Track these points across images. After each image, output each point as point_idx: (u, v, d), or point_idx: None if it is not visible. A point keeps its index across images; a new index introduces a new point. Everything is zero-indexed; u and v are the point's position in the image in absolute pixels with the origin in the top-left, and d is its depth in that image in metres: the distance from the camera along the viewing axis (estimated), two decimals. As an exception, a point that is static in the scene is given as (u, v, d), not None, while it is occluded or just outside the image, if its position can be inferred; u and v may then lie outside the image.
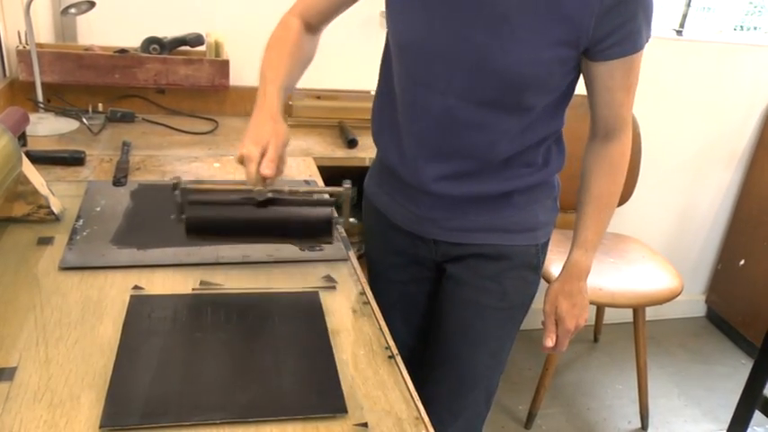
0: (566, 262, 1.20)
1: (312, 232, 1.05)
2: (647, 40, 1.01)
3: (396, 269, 1.29)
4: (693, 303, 2.91)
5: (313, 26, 1.18)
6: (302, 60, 1.16)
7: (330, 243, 1.07)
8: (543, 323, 1.24)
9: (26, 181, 1.13)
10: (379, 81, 1.18)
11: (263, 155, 0.96)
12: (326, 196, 1.06)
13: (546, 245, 1.23)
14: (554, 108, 1.08)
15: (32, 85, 1.69)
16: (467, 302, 1.22)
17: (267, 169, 0.95)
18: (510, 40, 0.97)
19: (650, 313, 2.22)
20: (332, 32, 1.21)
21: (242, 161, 0.97)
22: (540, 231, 1.19)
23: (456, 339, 1.25)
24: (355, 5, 1.16)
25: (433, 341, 1.29)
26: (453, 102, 1.04)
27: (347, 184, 1.04)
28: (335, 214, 1.05)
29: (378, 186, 1.26)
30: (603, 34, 0.97)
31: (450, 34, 0.99)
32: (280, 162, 0.99)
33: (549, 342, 1.22)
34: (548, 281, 1.27)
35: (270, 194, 0.99)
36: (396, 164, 1.16)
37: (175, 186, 0.99)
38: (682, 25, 2.44)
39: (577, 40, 0.97)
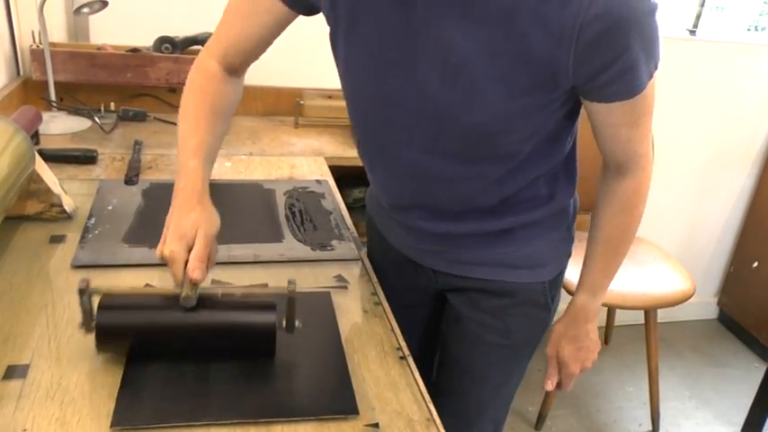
0: (570, 303, 1.10)
1: (251, 341, 0.87)
2: (651, 77, 0.83)
3: (397, 291, 1.14)
4: (705, 306, 2.89)
5: (236, 67, 1.02)
6: (226, 115, 1.00)
7: (272, 356, 0.88)
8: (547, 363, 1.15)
9: (39, 179, 1.14)
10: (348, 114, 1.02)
11: (189, 251, 0.82)
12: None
13: (557, 279, 1.11)
14: (545, 146, 0.94)
15: (45, 84, 1.70)
16: (468, 337, 1.13)
17: (197, 272, 0.81)
18: (472, 92, 0.82)
19: (662, 315, 2.20)
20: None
21: (164, 260, 0.83)
22: (548, 267, 1.08)
23: (458, 373, 1.18)
24: None
25: (437, 372, 1.22)
26: (419, 155, 0.92)
27: (292, 285, 0.86)
28: (281, 320, 0.87)
29: (377, 206, 1.16)
30: (589, 75, 0.79)
31: (404, 84, 0.86)
32: (212, 253, 0.86)
33: (549, 386, 1.14)
34: (570, 293, 1.17)
35: (199, 299, 0.83)
36: (380, 197, 1.08)
37: (82, 292, 0.81)
38: (695, 25, 2.42)
39: (555, 81, 0.81)
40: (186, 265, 0.82)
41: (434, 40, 0.81)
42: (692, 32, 2.42)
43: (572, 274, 1.16)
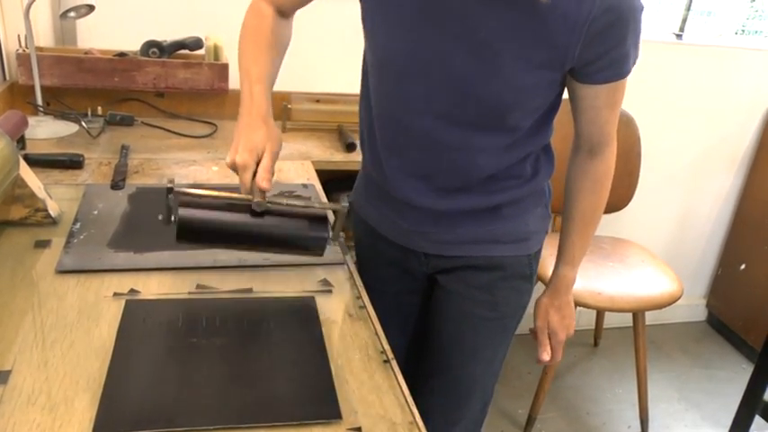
0: (552, 276, 1.21)
1: (305, 246, 1.02)
2: (635, 64, 0.98)
3: (387, 281, 1.26)
4: (694, 308, 2.91)
5: (285, 12, 1.13)
6: (281, 50, 1.11)
7: (321, 256, 1.04)
8: (535, 337, 1.24)
9: (24, 184, 1.13)
10: (361, 92, 1.15)
11: (258, 163, 0.93)
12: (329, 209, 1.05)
13: (538, 253, 1.21)
14: (540, 124, 1.06)
15: (32, 88, 1.69)
16: (459, 313, 1.21)
17: (265, 181, 0.92)
18: (492, 66, 0.93)
19: (650, 317, 2.21)
20: (331, 35, 1.21)
21: (234, 168, 0.93)
22: (531, 241, 1.17)
23: (449, 350, 1.24)
24: (356, 8, 1.15)
25: (427, 352, 1.28)
26: (432, 122, 1.01)
27: (345, 203, 1.02)
28: (331, 231, 1.03)
29: (365, 199, 1.23)
30: (590, 58, 0.94)
31: (431, 55, 0.96)
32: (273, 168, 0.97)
33: (546, 356, 1.23)
34: (544, 283, 1.27)
35: (268, 206, 0.96)
36: (378, 178, 1.15)
37: (169, 190, 0.96)
38: (682, 29, 2.44)
39: (562, 63, 0.94)
40: (254, 175, 0.92)
41: (464, 17, 0.92)
42: (679, 36, 2.43)
43: (551, 271, 1.25)
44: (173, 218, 0.96)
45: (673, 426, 2.30)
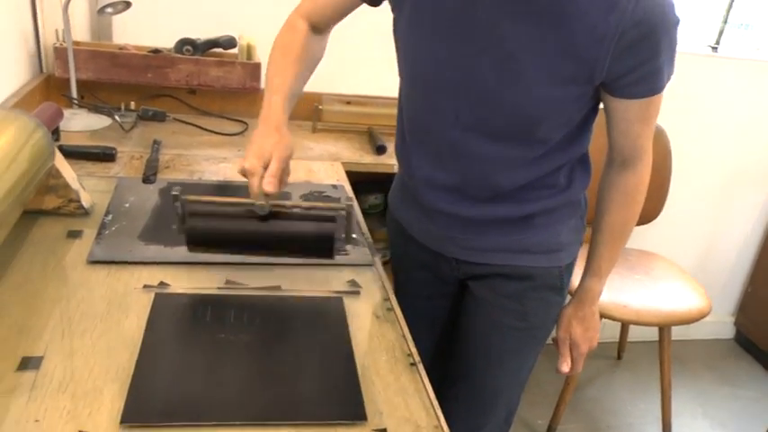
0: (578, 288, 1.19)
1: (313, 249, 1.03)
2: (669, 79, 0.95)
3: (418, 284, 1.27)
4: (722, 325, 2.86)
5: (320, 28, 1.16)
6: (310, 64, 1.14)
7: (331, 259, 1.05)
8: (557, 347, 1.23)
9: (58, 175, 1.15)
10: (398, 98, 1.16)
11: (266, 168, 0.95)
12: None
13: (571, 265, 1.20)
14: (574, 135, 1.04)
15: (68, 81, 1.72)
16: (487, 321, 1.20)
17: (269, 186, 0.94)
18: (518, 79, 0.93)
19: (676, 333, 2.18)
20: (363, 38, 1.21)
21: (244, 174, 0.96)
22: (563, 252, 1.16)
23: (476, 357, 1.24)
24: (389, 11, 1.15)
25: (454, 357, 1.27)
26: (461, 134, 1.01)
27: (348, 202, 1.02)
28: (340, 231, 1.03)
29: (400, 201, 1.24)
30: (620, 72, 0.91)
31: (458, 67, 0.96)
32: (284, 175, 0.99)
33: (566, 367, 1.21)
34: (571, 293, 1.25)
35: (271, 209, 0.98)
36: (410, 183, 1.15)
37: (176, 198, 0.98)
38: (718, 42, 2.41)
39: (591, 77, 0.92)
40: (262, 180, 0.94)
41: (491, 31, 0.91)
42: (715, 49, 2.40)
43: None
44: (184, 226, 1.00)
45: (696, 444, 2.26)
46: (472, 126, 1.00)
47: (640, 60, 0.90)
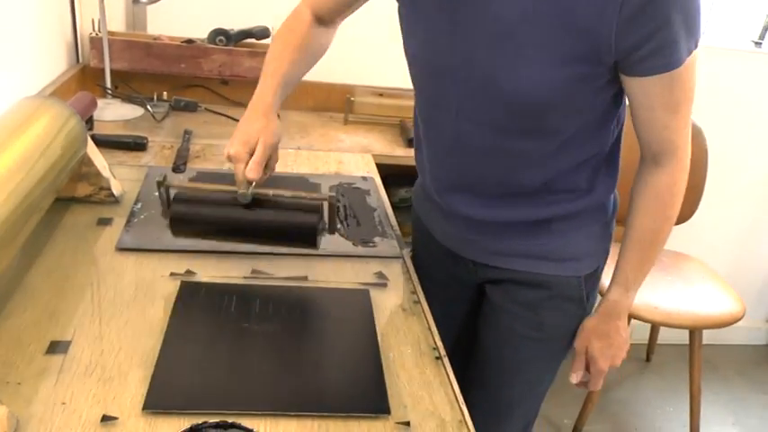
0: (603, 299, 1.08)
1: (296, 238, 1.01)
2: (690, 53, 0.83)
3: (437, 285, 1.17)
4: (756, 331, 2.79)
5: (326, 20, 1.13)
6: (309, 54, 1.11)
7: (315, 249, 1.01)
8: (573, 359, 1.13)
9: (90, 163, 1.16)
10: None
11: (251, 155, 0.94)
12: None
13: (593, 275, 1.10)
14: (591, 129, 0.96)
15: (102, 71, 1.74)
16: (502, 329, 1.14)
17: (251, 172, 0.93)
18: (516, 59, 0.85)
19: (708, 337, 2.13)
20: (396, 30, 1.20)
21: (230, 160, 0.95)
22: (583, 262, 1.07)
23: (491, 366, 1.18)
24: None
25: (470, 364, 1.23)
26: (465, 125, 0.96)
27: (332, 193, 0.99)
28: (325, 221, 1.01)
29: (422, 198, 1.19)
30: (630, 46, 0.81)
31: (454, 52, 0.91)
32: (271, 161, 0.98)
33: (574, 378, 1.12)
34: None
35: (255, 197, 0.97)
36: (424, 182, 1.12)
37: (160, 185, 0.98)
38: (761, 37, 2.34)
39: (598, 54, 0.83)
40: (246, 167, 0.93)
41: (481, 9, 0.85)
42: (758, 44, 2.33)
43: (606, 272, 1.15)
44: (167, 212, 1.00)
45: (725, 450, 2.21)
46: (475, 116, 0.94)
47: (649, 31, 0.79)
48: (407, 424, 0.79)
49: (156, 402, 0.77)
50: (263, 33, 1.83)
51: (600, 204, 1.05)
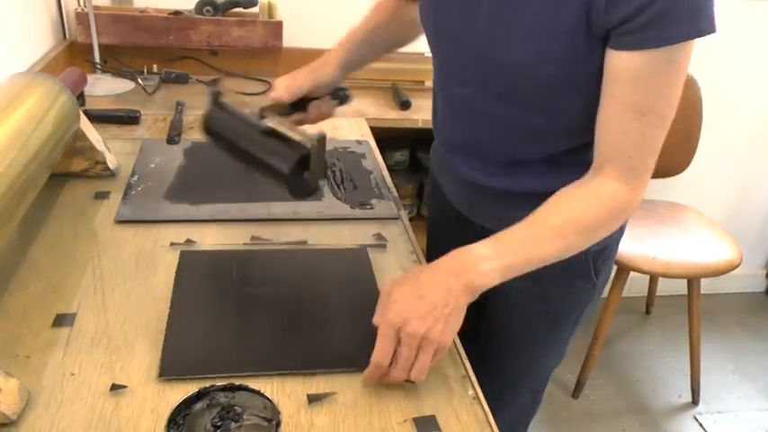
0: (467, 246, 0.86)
1: (278, 179, 0.92)
2: (686, 39, 0.76)
3: (444, 245, 1.02)
4: (752, 278, 2.82)
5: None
6: (382, 38, 1.17)
7: (298, 197, 0.95)
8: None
9: (84, 137, 1.16)
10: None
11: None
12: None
13: (604, 252, 1.05)
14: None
15: (90, 46, 1.72)
16: (508, 302, 1.12)
17: (275, 91, 1.01)
18: (510, 30, 0.85)
19: (706, 286, 2.15)
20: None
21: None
22: None
23: (496, 339, 1.18)
24: None
25: (477, 337, 1.20)
26: (471, 92, 0.95)
27: (314, 136, 0.88)
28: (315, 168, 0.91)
29: (438, 164, 1.17)
30: (618, 18, 0.76)
31: (457, 17, 0.91)
32: (318, 108, 1.05)
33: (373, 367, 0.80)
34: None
35: (268, 128, 0.94)
36: (437, 145, 1.13)
37: (212, 92, 1.02)
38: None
39: (588, 24, 0.78)
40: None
41: None
42: (748, -7, 2.31)
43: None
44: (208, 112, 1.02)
45: (725, 397, 2.25)
46: (479, 84, 0.93)
47: (643, 3, 0.74)
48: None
49: (171, 369, 0.78)
50: (250, 2, 1.81)
51: None
